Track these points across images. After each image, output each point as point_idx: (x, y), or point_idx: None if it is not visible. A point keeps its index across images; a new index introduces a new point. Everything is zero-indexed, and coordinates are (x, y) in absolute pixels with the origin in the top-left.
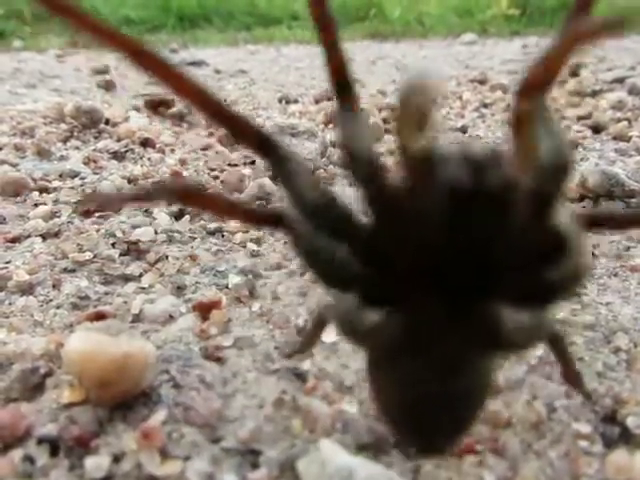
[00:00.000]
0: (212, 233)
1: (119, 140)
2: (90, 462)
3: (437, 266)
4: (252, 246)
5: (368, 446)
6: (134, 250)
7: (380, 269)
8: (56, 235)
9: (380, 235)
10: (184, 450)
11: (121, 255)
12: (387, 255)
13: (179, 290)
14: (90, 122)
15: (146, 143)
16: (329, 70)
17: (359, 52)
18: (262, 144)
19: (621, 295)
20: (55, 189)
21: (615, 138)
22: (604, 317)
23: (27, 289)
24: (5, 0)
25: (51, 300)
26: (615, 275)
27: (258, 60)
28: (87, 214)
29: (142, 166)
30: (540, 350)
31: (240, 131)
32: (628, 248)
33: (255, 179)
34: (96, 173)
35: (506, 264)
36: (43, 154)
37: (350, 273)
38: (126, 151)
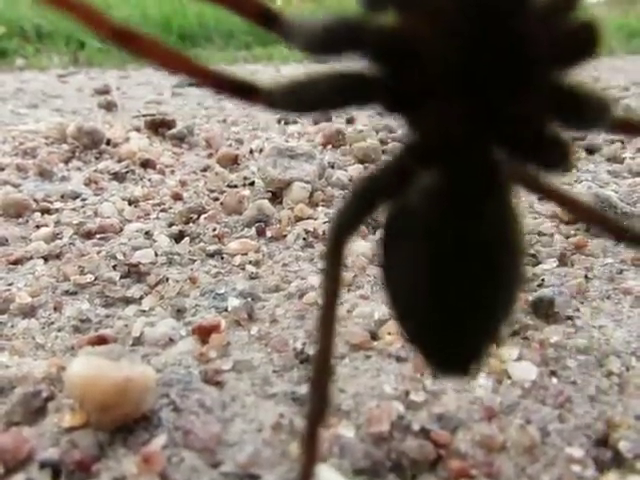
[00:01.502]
0: (211, 255)
1: (120, 161)
2: None
3: (463, 63)
4: (251, 268)
5: (365, 470)
6: (135, 272)
7: (403, 72)
8: (58, 257)
9: (405, 33)
10: (184, 475)
11: (122, 277)
12: (412, 55)
13: (179, 313)
14: (91, 143)
15: (146, 164)
16: None
17: None
18: (266, 18)
19: (614, 318)
20: (57, 210)
21: (609, 160)
22: (597, 340)
23: (29, 312)
24: (8, 19)
25: (52, 323)
26: (608, 298)
27: (258, 79)
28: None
29: (142, 187)
30: (533, 375)
31: (247, 8)
32: (621, 271)
33: (254, 201)
34: (97, 194)
35: (531, 58)
36: (45, 175)
37: (372, 81)
38: (127, 172)
